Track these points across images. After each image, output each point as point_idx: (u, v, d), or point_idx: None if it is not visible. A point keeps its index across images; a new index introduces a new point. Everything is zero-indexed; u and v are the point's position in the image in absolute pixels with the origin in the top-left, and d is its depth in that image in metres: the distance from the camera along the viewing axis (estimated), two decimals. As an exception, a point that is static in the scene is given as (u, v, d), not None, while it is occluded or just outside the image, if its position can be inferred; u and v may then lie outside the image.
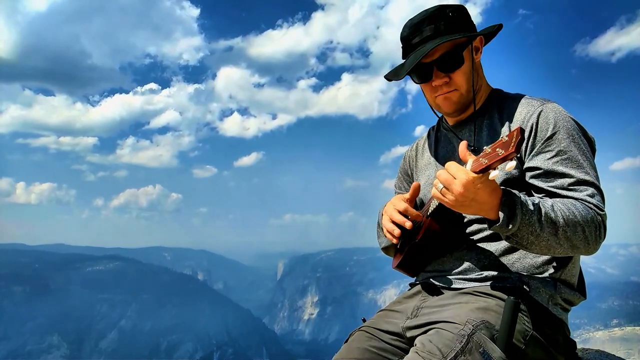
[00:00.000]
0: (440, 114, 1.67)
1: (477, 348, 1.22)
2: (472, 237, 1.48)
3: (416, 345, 1.30)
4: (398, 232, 1.51)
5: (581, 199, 1.30)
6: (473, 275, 1.45)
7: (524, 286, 1.37)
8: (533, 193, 1.39)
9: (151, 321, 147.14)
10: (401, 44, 1.55)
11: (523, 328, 1.31)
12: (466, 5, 1.56)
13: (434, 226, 1.47)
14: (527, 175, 1.40)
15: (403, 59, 1.55)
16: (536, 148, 1.38)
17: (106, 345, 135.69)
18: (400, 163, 1.91)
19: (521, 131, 1.09)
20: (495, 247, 1.45)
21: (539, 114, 1.40)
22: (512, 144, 1.08)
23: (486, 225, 1.37)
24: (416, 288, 1.59)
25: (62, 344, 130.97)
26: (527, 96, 1.51)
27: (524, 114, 1.43)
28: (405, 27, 1.51)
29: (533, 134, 1.39)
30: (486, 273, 1.43)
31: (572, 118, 1.42)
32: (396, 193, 1.89)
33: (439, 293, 1.51)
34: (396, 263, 1.61)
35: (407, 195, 1.58)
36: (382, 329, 1.52)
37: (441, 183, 1.21)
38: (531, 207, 1.21)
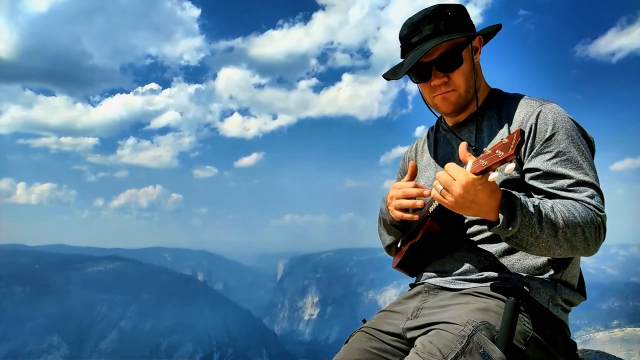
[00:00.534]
0: (439, 114, 1.66)
1: (478, 349, 1.22)
2: (472, 238, 1.48)
3: (416, 346, 1.30)
4: (421, 203, 1.48)
5: (581, 200, 1.29)
6: (473, 276, 1.45)
7: (524, 287, 1.37)
8: (533, 194, 1.38)
9: (151, 321, 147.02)
10: (400, 44, 1.54)
11: (523, 329, 1.31)
12: (466, 5, 1.56)
13: (434, 227, 1.47)
14: (527, 176, 1.39)
15: (402, 59, 1.54)
16: (535, 149, 1.37)
17: (106, 345, 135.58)
18: (399, 163, 1.91)
19: (521, 133, 1.09)
20: (495, 248, 1.44)
21: (538, 115, 1.39)
22: (512, 146, 1.07)
23: (486, 226, 1.37)
24: (416, 289, 1.59)
25: (62, 345, 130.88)
26: (526, 96, 1.50)
27: (523, 115, 1.42)
28: (404, 26, 1.50)
29: (532, 135, 1.38)
30: (486, 274, 1.43)
31: (571, 118, 1.41)
32: None
33: (439, 294, 1.50)
34: (396, 263, 1.60)
35: (406, 177, 1.57)
36: (383, 330, 1.52)
37: (441, 184, 1.20)
38: (531, 209, 1.21)
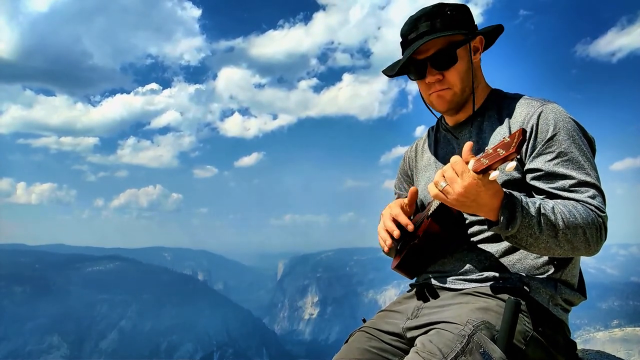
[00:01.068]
0: (439, 114, 1.67)
1: (478, 348, 1.22)
2: (473, 238, 1.48)
3: (417, 345, 1.30)
4: (390, 243, 1.51)
5: (582, 201, 1.30)
6: (473, 276, 1.45)
7: (525, 287, 1.37)
8: (534, 194, 1.39)
9: (151, 321, 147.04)
10: (401, 41, 1.56)
11: (523, 328, 1.31)
12: (467, 5, 1.59)
13: (434, 227, 1.46)
14: (528, 176, 1.39)
15: (402, 56, 1.56)
16: (537, 149, 1.37)
17: (106, 345, 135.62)
18: (399, 163, 1.91)
19: (523, 132, 1.09)
20: (495, 248, 1.44)
21: (539, 115, 1.39)
22: (514, 145, 1.08)
23: (486, 226, 1.38)
24: (416, 289, 1.59)
25: (62, 344, 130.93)
26: (527, 96, 1.50)
27: (524, 115, 1.43)
28: (404, 24, 1.52)
29: (533, 135, 1.38)
30: (486, 274, 1.43)
31: (572, 118, 1.41)
32: (395, 194, 1.90)
33: (439, 294, 1.51)
34: (395, 264, 1.60)
35: (406, 200, 1.57)
36: (383, 330, 1.52)
37: (446, 180, 1.20)
38: (531, 210, 1.21)
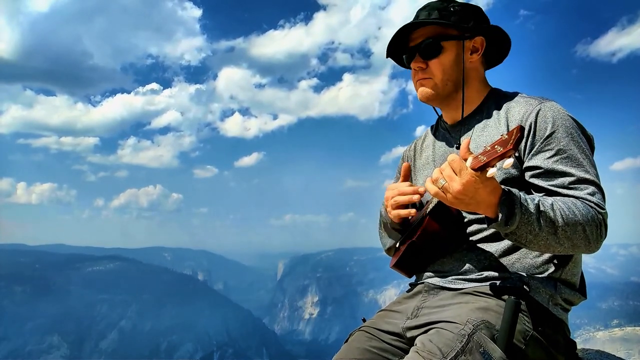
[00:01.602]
0: (440, 112, 1.69)
1: (478, 348, 1.22)
2: (472, 238, 1.48)
3: (416, 345, 1.30)
4: (417, 197, 1.47)
5: (582, 198, 1.30)
6: (473, 275, 1.45)
7: (524, 286, 1.37)
8: (533, 192, 1.38)
9: (151, 321, 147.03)
10: None
11: (523, 328, 1.31)
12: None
13: (433, 225, 1.46)
14: (527, 174, 1.39)
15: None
16: (535, 147, 1.38)
17: (106, 345, 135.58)
18: (398, 163, 1.90)
19: (521, 129, 1.10)
20: (495, 248, 1.44)
21: (537, 113, 1.40)
22: (511, 142, 1.09)
23: (486, 225, 1.37)
24: (416, 288, 1.58)
25: (62, 344, 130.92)
26: (525, 95, 1.51)
27: (522, 113, 1.43)
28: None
29: (532, 133, 1.38)
30: (486, 273, 1.43)
31: (571, 116, 1.41)
32: None
33: (439, 293, 1.50)
34: (393, 262, 1.59)
35: (400, 178, 1.59)
36: (382, 329, 1.52)
37: (444, 178, 1.20)
38: (530, 207, 1.21)
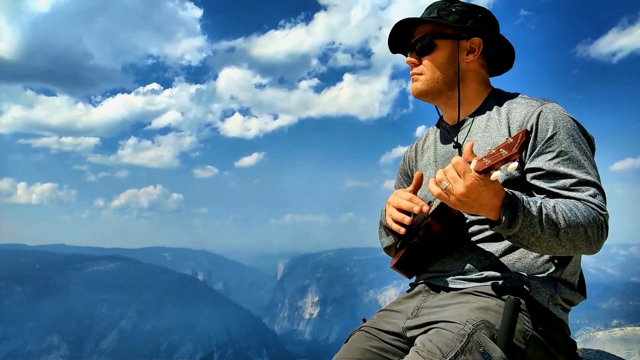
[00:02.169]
0: (441, 113, 1.69)
1: (478, 347, 1.22)
2: (473, 238, 1.48)
3: (416, 344, 1.30)
4: (409, 219, 1.49)
5: (583, 200, 1.30)
6: (473, 275, 1.45)
7: (524, 286, 1.37)
8: (534, 193, 1.39)
9: (151, 321, 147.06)
10: None
11: (523, 328, 1.31)
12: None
13: (435, 227, 1.45)
14: (529, 176, 1.40)
15: None
16: (537, 149, 1.38)
17: (106, 345, 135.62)
18: (399, 163, 1.90)
19: (526, 133, 1.10)
20: (495, 248, 1.44)
21: (539, 115, 1.40)
22: (516, 146, 1.09)
23: (486, 225, 1.37)
24: (416, 288, 1.59)
25: (63, 344, 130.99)
26: (526, 96, 1.51)
27: (524, 114, 1.43)
28: None
29: (533, 135, 1.39)
30: (486, 273, 1.43)
31: (572, 117, 1.42)
32: None
33: (439, 293, 1.50)
34: (394, 263, 1.58)
35: (410, 187, 1.57)
36: (382, 329, 1.52)
37: (448, 180, 1.20)
38: (533, 209, 1.21)
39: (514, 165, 1.10)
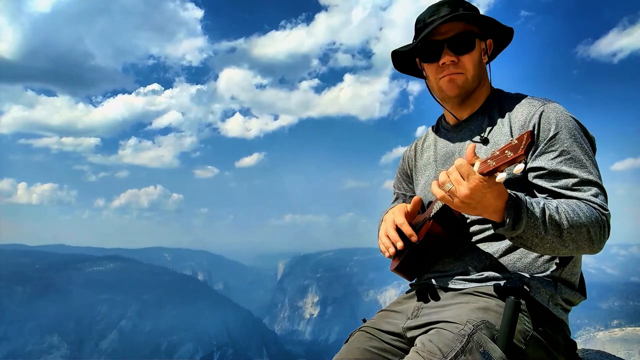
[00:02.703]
0: (440, 113, 1.67)
1: (478, 348, 1.22)
2: (473, 238, 1.48)
3: (417, 345, 1.30)
4: (393, 251, 1.51)
5: (585, 199, 1.30)
6: (473, 275, 1.45)
7: (525, 286, 1.37)
8: (536, 193, 1.39)
9: (151, 321, 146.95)
10: (415, 27, 1.57)
11: (523, 328, 1.31)
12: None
13: (436, 229, 1.45)
14: (531, 175, 1.40)
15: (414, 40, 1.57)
16: (539, 148, 1.38)
17: (106, 345, 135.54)
18: (399, 163, 1.90)
19: (531, 135, 1.09)
20: (496, 248, 1.45)
21: (541, 115, 1.40)
22: (522, 147, 1.07)
23: (487, 225, 1.38)
24: (417, 288, 1.59)
25: (63, 344, 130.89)
26: (528, 96, 1.51)
27: (526, 114, 1.43)
28: (424, 11, 1.54)
29: (535, 135, 1.39)
30: (487, 273, 1.43)
31: (573, 117, 1.42)
32: (395, 193, 1.89)
33: (439, 294, 1.50)
34: (394, 266, 1.58)
35: (409, 207, 1.57)
36: (383, 329, 1.52)
37: (451, 182, 1.19)
38: (536, 210, 1.21)
39: (521, 167, 1.09)
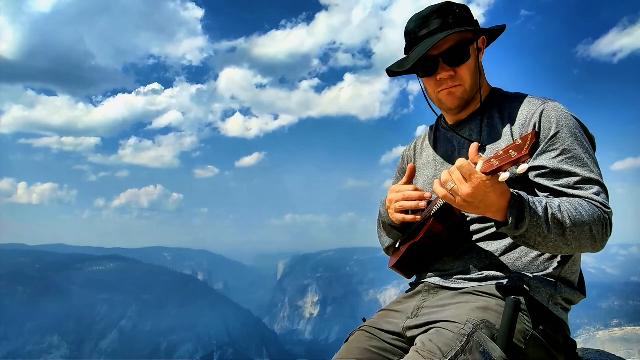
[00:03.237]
0: (439, 113, 1.67)
1: (478, 347, 1.22)
2: (473, 237, 1.48)
3: (417, 344, 1.30)
4: (424, 204, 1.47)
5: (587, 198, 1.30)
6: (473, 275, 1.45)
7: (525, 286, 1.37)
8: (538, 191, 1.39)
9: (151, 321, 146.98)
10: (406, 39, 1.54)
11: (523, 328, 1.31)
12: (469, 6, 1.59)
13: (437, 227, 1.44)
14: (532, 174, 1.39)
15: (406, 54, 1.55)
16: (540, 147, 1.38)
17: (106, 345, 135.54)
18: (398, 162, 1.89)
19: (536, 135, 1.08)
20: (496, 247, 1.44)
21: (542, 113, 1.40)
22: (526, 147, 1.07)
23: (487, 224, 1.38)
24: (416, 288, 1.59)
25: (63, 344, 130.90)
26: (528, 95, 1.51)
27: (526, 114, 1.43)
28: (411, 21, 1.51)
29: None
30: (487, 273, 1.43)
31: (574, 116, 1.42)
32: None
33: (440, 293, 1.50)
34: (393, 263, 1.57)
35: (405, 179, 1.57)
36: (383, 329, 1.52)
37: (454, 181, 1.19)
38: (539, 209, 1.21)
39: (524, 167, 1.09)
